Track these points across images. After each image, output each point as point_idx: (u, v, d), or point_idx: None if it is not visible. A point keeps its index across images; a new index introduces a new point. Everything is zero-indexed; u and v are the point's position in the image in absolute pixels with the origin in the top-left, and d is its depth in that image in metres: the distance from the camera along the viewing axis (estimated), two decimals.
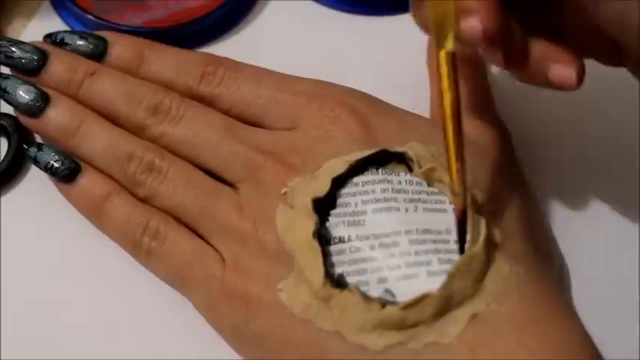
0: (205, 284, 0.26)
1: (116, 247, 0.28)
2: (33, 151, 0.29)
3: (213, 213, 0.27)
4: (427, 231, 0.25)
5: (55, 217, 0.30)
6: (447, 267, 0.23)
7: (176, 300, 0.27)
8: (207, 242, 0.27)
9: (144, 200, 0.28)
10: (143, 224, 0.27)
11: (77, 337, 0.27)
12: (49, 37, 0.31)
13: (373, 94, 0.29)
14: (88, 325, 0.27)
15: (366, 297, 0.23)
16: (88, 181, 0.29)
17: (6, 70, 0.31)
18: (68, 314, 0.28)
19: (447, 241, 0.25)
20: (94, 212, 0.29)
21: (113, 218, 0.28)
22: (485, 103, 0.31)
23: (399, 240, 0.24)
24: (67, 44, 0.31)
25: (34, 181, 0.31)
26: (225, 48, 0.34)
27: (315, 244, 0.24)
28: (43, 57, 0.30)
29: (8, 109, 0.31)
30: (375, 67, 0.34)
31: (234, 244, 0.26)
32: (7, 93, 0.30)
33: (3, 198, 0.30)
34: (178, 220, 0.28)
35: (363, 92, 0.29)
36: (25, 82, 0.30)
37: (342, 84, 0.30)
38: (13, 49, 0.30)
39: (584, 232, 0.29)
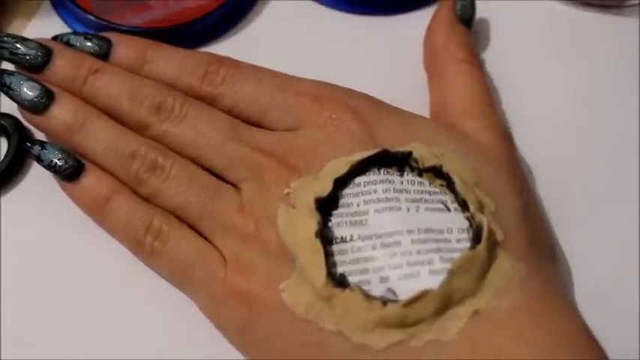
0: (208, 285, 0.26)
1: (117, 247, 0.28)
2: (36, 149, 0.29)
3: (215, 212, 0.27)
4: (429, 230, 0.25)
5: (56, 218, 0.30)
6: (449, 265, 0.23)
7: (179, 300, 0.27)
8: (209, 241, 0.27)
9: (146, 199, 0.28)
10: (146, 224, 0.27)
11: (78, 337, 0.27)
12: (55, 40, 0.31)
13: (373, 95, 0.29)
14: (89, 325, 0.27)
15: (367, 296, 0.23)
16: (91, 179, 0.29)
17: (10, 67, 0.30)
18: (69, 315, 0.28)
19: (448, 240, 0.25)
20: (97, 211, 0.29)
21: (116, 217, 0.28)
22: (485, 106, 0.31)
23: (401, 239, 0.24)
24: (72, 46, 0.31)
25: (35, 181, 0.31)
26: (225, 48, 0.34)
27: (318, 244, 0.24)
28: (48, 53, 0.30)
29: (8, 108, 0.31)
30: (375, 67, 0.34)
31: (235, 243, 0.26)
32: (12, 89, 0.29)
33: (3, 198, 0.30)
34: (180, 219, 0.28)
35: (364, 94, 0.29)
36: (29, 79, 0.30)
37: (342, 84, 0.30)
38: (18, 45, 0.30)
39: (584, 231, 0.29)
